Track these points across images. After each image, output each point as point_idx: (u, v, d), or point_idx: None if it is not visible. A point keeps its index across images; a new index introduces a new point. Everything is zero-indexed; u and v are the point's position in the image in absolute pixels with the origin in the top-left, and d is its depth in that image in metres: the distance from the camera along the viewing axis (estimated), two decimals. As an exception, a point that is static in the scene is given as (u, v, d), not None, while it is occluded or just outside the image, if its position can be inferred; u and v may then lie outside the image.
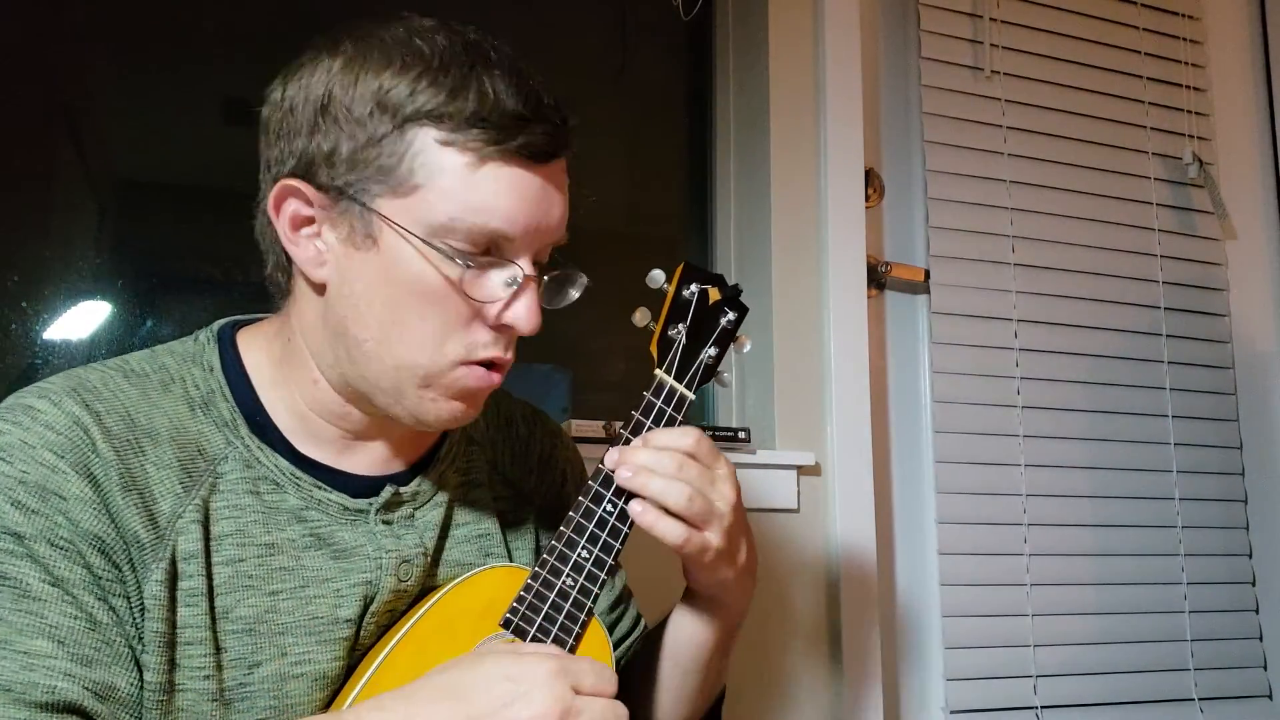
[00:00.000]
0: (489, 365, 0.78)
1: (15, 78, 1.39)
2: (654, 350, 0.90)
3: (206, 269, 1.46)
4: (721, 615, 0.90)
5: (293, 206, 0.77)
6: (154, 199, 1.48)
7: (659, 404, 0.87)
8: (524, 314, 0.76)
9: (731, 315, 0.91)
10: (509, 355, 0.79)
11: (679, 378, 0.89)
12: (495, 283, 0.76)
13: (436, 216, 0.73)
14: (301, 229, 0.77)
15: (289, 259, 0.79)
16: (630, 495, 0.83)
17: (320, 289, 0.78)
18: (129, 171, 1.47)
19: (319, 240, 0.77)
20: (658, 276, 0.90)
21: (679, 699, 0.94)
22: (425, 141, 0.73)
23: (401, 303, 0.75)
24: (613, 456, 0.83)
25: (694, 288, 0.90)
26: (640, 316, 0.89)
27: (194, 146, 1.47)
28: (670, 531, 0.81)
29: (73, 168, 1.43)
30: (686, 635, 0.92)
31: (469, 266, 0.74)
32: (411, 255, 0.74)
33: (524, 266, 0.76)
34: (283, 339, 0.82)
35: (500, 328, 0.77)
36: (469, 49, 0.75)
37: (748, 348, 0.94)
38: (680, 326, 0.89)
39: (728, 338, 0.91)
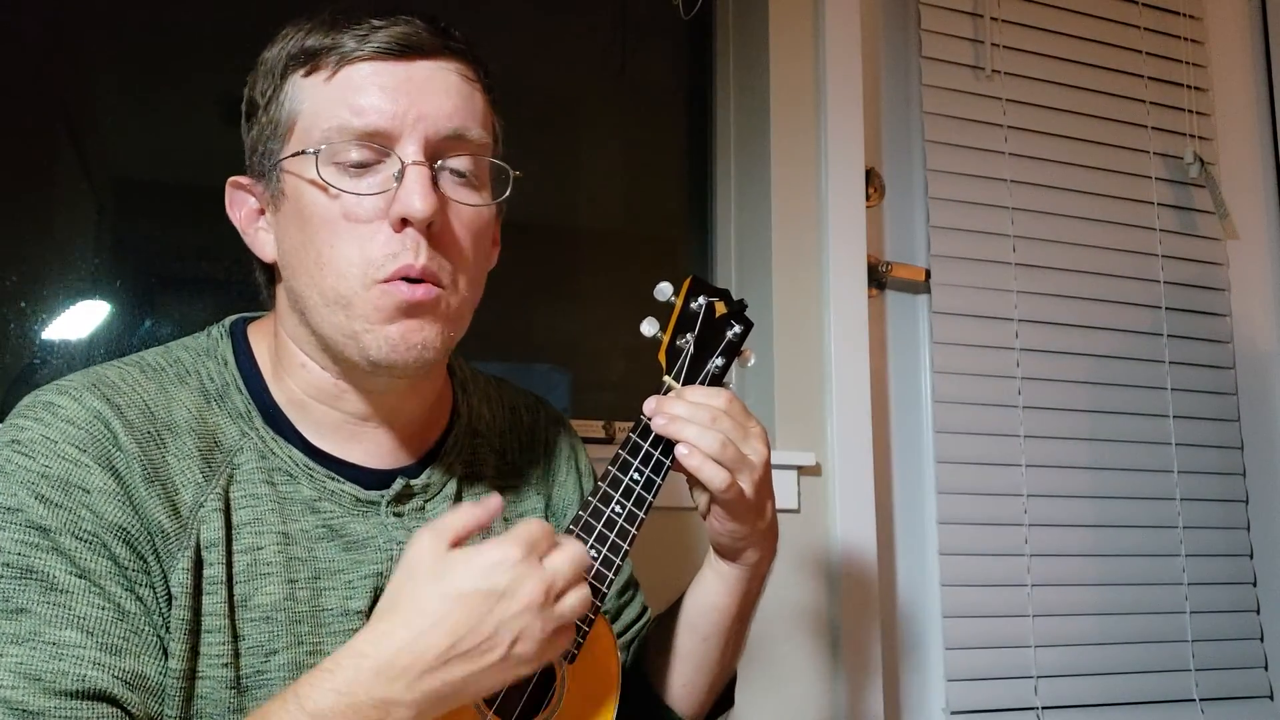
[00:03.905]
0: (412, 282, 0.76)
1: (15, 78, 1.38)
2: (662, 359, 0.90)
3: (205, 268, 1.46)
4: (742, 577, 0.91)
5: (242, 202, 0.83)
6: (153, 198, 1.47)
7: None
8: (408, 197, 0.74)
9: (737, 329, 0.92)
10: (421, 261, 0.75)
11: (686, 385, 0.89)
12: (383, 179, 0.76)
13: (314, 138, 0.76)
14: (256, 222, 0.82)
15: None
16: (666, 447, 0.85)
17: (277, 272, 0.82)
18: (128, 171, 1.47)
19: (264, 228, 0.82)
20: (665, 289, 0.91)
21: (697, 667, 0.94)
22: (294, 83, 0.78)
23: (314, 238, 0.76)
24: (650, 405, 0.85)
25: (701, 300, 0.91)
26: (648, 326, 0.90)
27: (193, 146, 1.47)
28: (715, 475, 0.82)
29: (72, 167, 1.43)
30: (707, 598, 0.93)
31: (351, 175, 0.75)
32: (306, 187, 0.76)
33: (405, 156, 0.75)
34: (272, 333, 0.84)
35: (402, 227, 0.75)
36: (348, 12, 0.78)
37: (751, 362, 0.94)
38: (688, 337, 0.90)
39: (733, 350, 0.92)
